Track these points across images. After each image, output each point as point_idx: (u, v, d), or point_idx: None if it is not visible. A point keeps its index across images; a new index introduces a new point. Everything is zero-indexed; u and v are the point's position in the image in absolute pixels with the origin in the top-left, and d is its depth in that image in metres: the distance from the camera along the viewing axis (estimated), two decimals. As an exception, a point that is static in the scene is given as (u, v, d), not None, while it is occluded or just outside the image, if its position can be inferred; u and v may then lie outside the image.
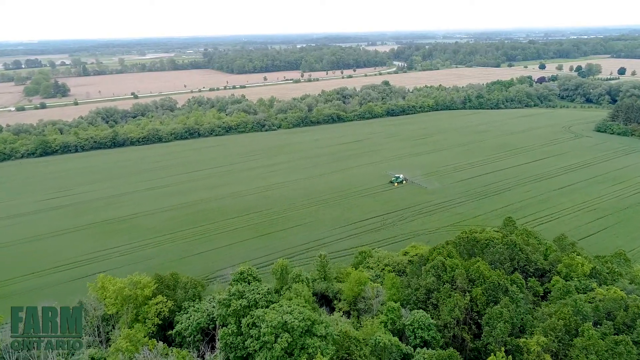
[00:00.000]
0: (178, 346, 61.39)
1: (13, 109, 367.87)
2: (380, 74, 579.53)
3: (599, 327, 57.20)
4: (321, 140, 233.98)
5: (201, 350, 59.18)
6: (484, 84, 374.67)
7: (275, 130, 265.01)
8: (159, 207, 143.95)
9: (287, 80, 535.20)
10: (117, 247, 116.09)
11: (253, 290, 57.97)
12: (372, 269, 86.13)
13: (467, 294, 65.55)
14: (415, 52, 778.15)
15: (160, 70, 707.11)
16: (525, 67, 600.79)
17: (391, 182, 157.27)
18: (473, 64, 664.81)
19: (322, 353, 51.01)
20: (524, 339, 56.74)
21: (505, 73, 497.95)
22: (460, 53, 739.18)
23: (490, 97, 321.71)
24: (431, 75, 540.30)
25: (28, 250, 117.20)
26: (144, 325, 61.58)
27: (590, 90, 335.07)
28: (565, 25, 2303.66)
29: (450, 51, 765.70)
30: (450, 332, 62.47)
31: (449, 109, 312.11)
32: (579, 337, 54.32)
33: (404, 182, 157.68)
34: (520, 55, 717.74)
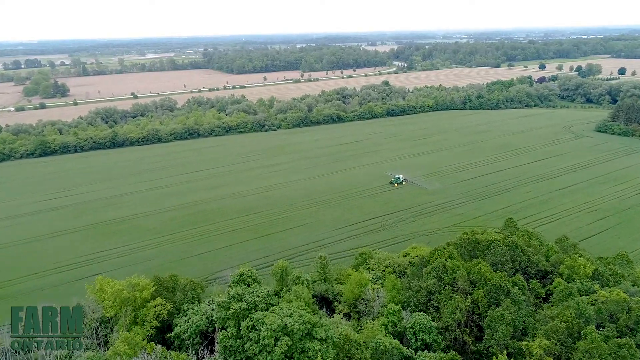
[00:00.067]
0: (177, 349, 60.86)
1: (12, 109, 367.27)
2: (380, 74, 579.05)
3: (602, 329, 56.65)
4: (321, 140, 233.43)
5: (200, 354, 58.67)
6: (484, 84, 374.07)
7: (275, 130, 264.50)
8: (159, 207, 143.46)
9: (287, 80, 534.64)
10: (117, 248, 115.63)
11: (252, 292, 57.43)
12: (373, 271, 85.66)
13: (469, 296, 65.05)
14: (415, 52, 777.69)
15: (160, 71, 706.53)
16: (525, 67, 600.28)
17: (391, 182, 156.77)
18: (473, 64, 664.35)
19: (322, 357, 50.51)
20: (526, 342, 56.23)
21: (505, 73, 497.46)
22: (460, 53, 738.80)
23: (491, 97, 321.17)
24: (431, 75, 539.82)
25: (27, 251, 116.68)
26: (142, 327, 61.04)
27: (591, 90, 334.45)
28: (565, 25, 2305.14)
29: (450, 51, 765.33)
30: (451, 334, 61.97)
31: (449, 109, 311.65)
32: (581, 340, 53.76)
33: (404, 182, 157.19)
34: (520, 55, 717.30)
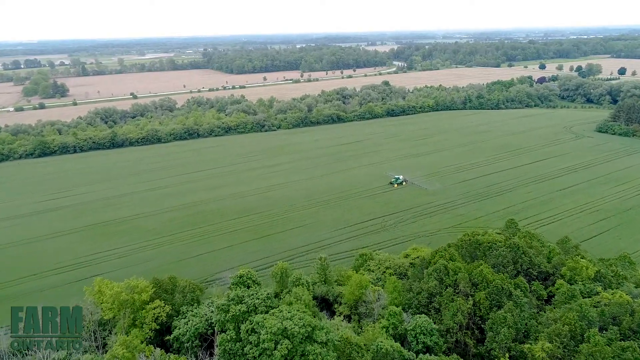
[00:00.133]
0: (176, 352, 60.35)
1: (12, 109, 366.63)
2: (380, 74, 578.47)
3: (605, 332, 56.07)
4: (321, 140, 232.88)
5: (199, 357, 58.12)
6: (484, 84, 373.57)
7: (274, 130, 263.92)
8: (158, 208, 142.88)
9: (286, 80, 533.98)
10: (116, 249, 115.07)
11: (252, 295, 56.85)
12: (373, 272, 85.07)
13: (470, 298, 64.49)
14: (415, 52, 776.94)
15: (160, 71, 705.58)
16: (525, 67, 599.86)
17: (391, 183, 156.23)
18: (473, 64, 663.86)
19: (322, 360, 49.98)
20: (528, 345, 55.68)
21: (505, 73, 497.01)
22: (460, 53, 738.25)
23: (491, 97, 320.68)
24: (431, 75, 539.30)
25: (26, 252, 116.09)
26: (141, 330, 60.52)
27: (591, 90, 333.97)
28: (565, 25, 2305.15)
29: (450, 51, 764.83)
30: (453, 337, 61.42)
31: (449, 109, 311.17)
32: (584, 343, 53.17)
33: (404, 183, 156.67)
34: (520, 55, 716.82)
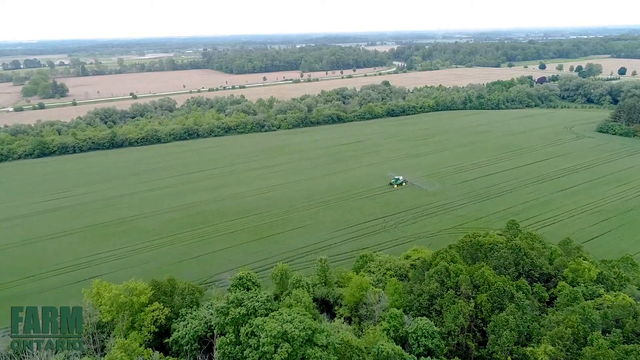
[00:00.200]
0: (175, 355, 59.82)
1: (11, 109, 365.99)
2: (380, 74, 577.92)
3: (608, 335, 55.61)
4: (321, 141, 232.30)
5: (198, 360, 57.67)
6: (484, 84, 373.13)
7: (274, 130, 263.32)
8: (158, 209, 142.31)
9: (286, 80, 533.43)
10: (115, 250, 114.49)
11: (252, 297, 56.31)
12: (374, 274, 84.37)
13: (472, 300, 64.00)
14: (415, 52, 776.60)
15: (160, 71, 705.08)
16: (526, 67, 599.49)
17: (391, 184, 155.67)
18: (473, 64, 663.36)
19: (323, 363, 49.44)
20: (530, 348, 55.18)
21: (505, 73, 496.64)
22: (460, 53, 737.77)
23: (491, 98, 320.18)
24: (431, 75, 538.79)
25: (25, 252, 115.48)
26: (140, 333, 59.94)
27: (591, 90, 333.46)
28: (565, 25, 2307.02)
29: (450, 51, 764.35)
30: (454, 339, 60.87)
31: (450, 109, 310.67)
32: (587, 346, 52.74)
33: (404, 184, 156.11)
34: (520, 55, 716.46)
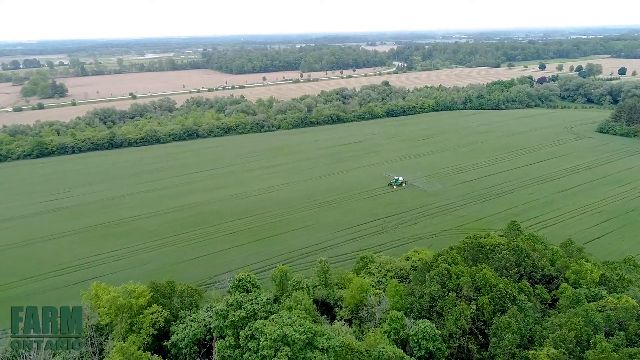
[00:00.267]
0: (174, 358, 59.31)
1: (10, 109, 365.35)
2: (380, 74, 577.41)
3: (611, 338, 55.09)
4: (321, 141, 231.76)
5: (198, 363, 57.10)
6: (484, 84, 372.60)
7: (274, 131, 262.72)
8: (157, 209, 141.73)
9: (286, 80, 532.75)
10: (114, 251, 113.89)
11: (252, 300, 55.77)
12: (374, 275, 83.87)
13: (473, 302, 63.50)
14: (414, 52, 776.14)
15: (159, 71, 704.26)
16: (525, 67, 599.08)
17: (390, 184, 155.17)
18: (473, 64, 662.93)
19: (323, 367, 48.93)
20: (533, 351, 54.62)
21: (505, 73, 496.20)
22: (460, 53, 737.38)
23: (491, 98, 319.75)
24: (431, 75, 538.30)
25: (25, 253, 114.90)
26: (138, 336, 59.40)
27: (592, 90, 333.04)
28: (565, 25, 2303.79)
29: (450, 51, 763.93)
30: (455, 342, 60.39)
31: (450, 110, 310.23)
32: (590, 349, 52.23)
33: (404, 184, 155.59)
34: (520, 55, 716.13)
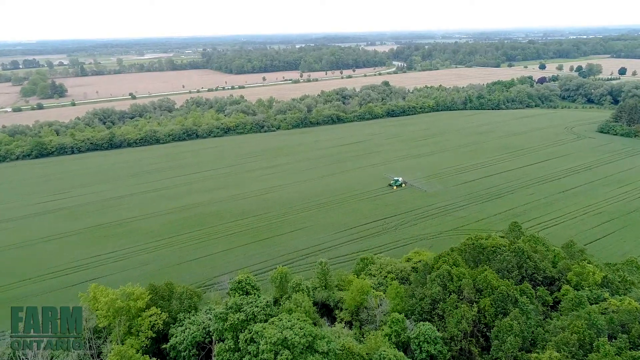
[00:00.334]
0: (173, 361, 58.71)
1: (9, 109, 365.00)
2: (380, 74, 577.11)
3: (614, 341, 54.50)
4: (321, 141, 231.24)
5: (197, 366, 56.52)
6: (484, 84, 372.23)
7: (274, 131, 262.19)
8: (156, 210, 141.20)
9: (286, 80, 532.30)
10: (113, 252, 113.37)
11: (251, 303, 55.22)
12: (375, 277, 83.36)
13: (475, 304, 62.94)
14: (414, 52, 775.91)
15: (159, 71, 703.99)
16: (525, 67, 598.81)
17: (390, 185, 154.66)
18: (473, 64, 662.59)
19: (324, 371, 48.40)
20: (535, 354, 54.04)
21: (505, 73, 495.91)
22: (459, 53, 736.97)
23: (491, 98, 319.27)
24: (431, 75, 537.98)
25: (23, 254, 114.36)
26: (137, 338, 58.78)
27: (592, 90, 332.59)
28: (564, 25, 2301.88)
29: (450, 51, 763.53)
30: (457, 345, 59.77)
31: (450, 110, 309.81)
32: (593, 352, 51.65)
33: (403, 185, 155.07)
34: (520, 55, 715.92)
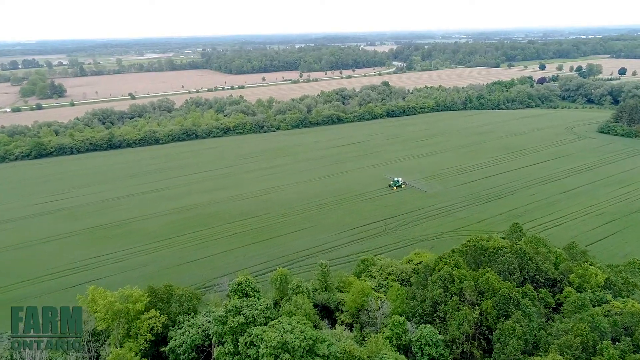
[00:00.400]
0: (172, 364, 58.14)
1: (9, 110, 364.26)
2: (380, 74, 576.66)
3: (618, 344, 54.03)
4: (320, 142, 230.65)
5: (196, 369, 55.96)
6: (484, 85, 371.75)
7: (274, 131, 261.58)
8: (156, 211, 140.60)
9: (285, 80, 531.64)
10: (113, 254, 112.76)
11: (251, 305, 54.67)
12: (375, 278, 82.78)
13: (476, 307, 62.42)
14: (414, 52, 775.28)
15: (158, 71, 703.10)
16: (525, 67, 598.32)
17: (390, 186, 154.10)
18: (472, 64, 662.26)
19: (324, 374, 47.87)
20: (538, 357, 53.64)
21: (505, 73, 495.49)
22: (459, 53, 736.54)
23: (491, 98, 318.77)
24: (431, 75, 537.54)
25: (22, 255, 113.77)
26: (135, 341, 58.26)
27: (592, 90, 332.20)
28: (564, 25, 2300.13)
29: (450, 51, 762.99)
30: (459, 348, 59.31)
31: (450, 110, 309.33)
32: (597, 355, 51.19)
33: (403, 186, 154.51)
34: (519, 55, 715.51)
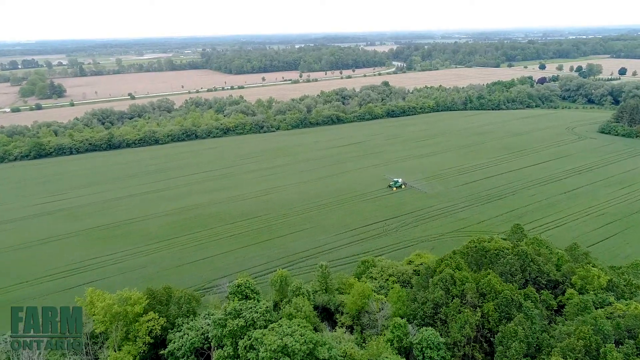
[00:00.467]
0: (171, 367, 57.62)
1: (8, 110, 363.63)
2: (380, 74, 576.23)
3: (621, 347, 53.51)
4: (320, 142, 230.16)
5: (195, 373, 55.45)
6: (484, 85, 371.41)
7: (273, 131, 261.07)
8: (155, 212, 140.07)
9: (285, 80, 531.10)
10: (112, 255, 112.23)
11: (251, 308, 54.16)
12: (376, 280, 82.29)
13: (478, 309, 61.90)
14: (414, 52, 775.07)
15: (158, 71, 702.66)
16: (525, 67, 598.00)
17: (389, 186, 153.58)
18: (472, 64, 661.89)
19: (325, 378, 47.35)
20: (540, 360, 53.13)
21: (505, 73, 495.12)
22: (459, 53, 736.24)
23: (492, 98, 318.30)
24: (431, 75, 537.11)
25: (20, 257, 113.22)
26: (134, 344, 57.75)
27: (592, 90, 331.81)
28: (564, 25, 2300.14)
29: (450, 51, 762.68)
30: (460, 351, 58.84)
31: (450, 110, 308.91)
32: (600, 359, 50.66)
33: (403, 186, 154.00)
34: (519, 55, 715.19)
